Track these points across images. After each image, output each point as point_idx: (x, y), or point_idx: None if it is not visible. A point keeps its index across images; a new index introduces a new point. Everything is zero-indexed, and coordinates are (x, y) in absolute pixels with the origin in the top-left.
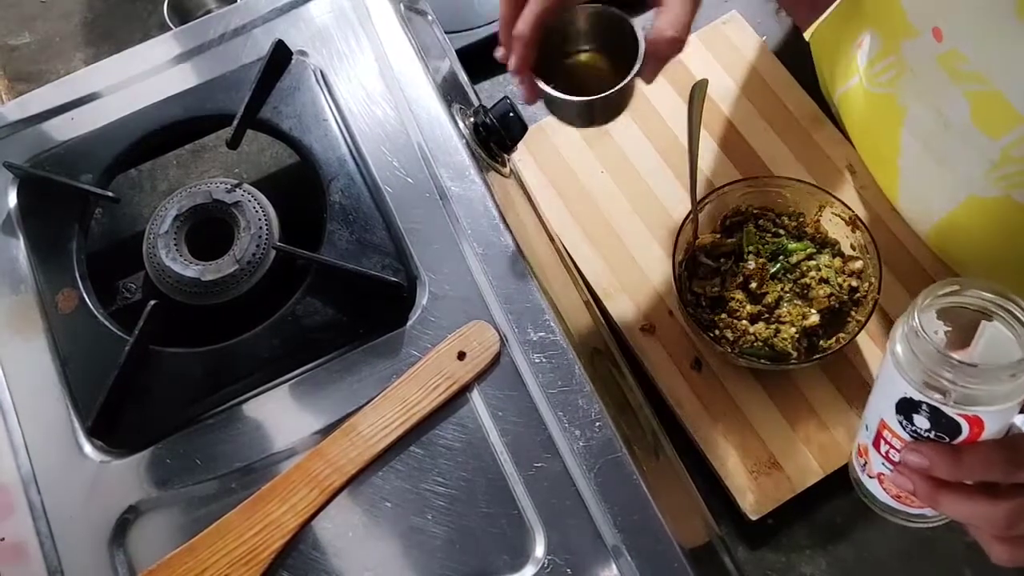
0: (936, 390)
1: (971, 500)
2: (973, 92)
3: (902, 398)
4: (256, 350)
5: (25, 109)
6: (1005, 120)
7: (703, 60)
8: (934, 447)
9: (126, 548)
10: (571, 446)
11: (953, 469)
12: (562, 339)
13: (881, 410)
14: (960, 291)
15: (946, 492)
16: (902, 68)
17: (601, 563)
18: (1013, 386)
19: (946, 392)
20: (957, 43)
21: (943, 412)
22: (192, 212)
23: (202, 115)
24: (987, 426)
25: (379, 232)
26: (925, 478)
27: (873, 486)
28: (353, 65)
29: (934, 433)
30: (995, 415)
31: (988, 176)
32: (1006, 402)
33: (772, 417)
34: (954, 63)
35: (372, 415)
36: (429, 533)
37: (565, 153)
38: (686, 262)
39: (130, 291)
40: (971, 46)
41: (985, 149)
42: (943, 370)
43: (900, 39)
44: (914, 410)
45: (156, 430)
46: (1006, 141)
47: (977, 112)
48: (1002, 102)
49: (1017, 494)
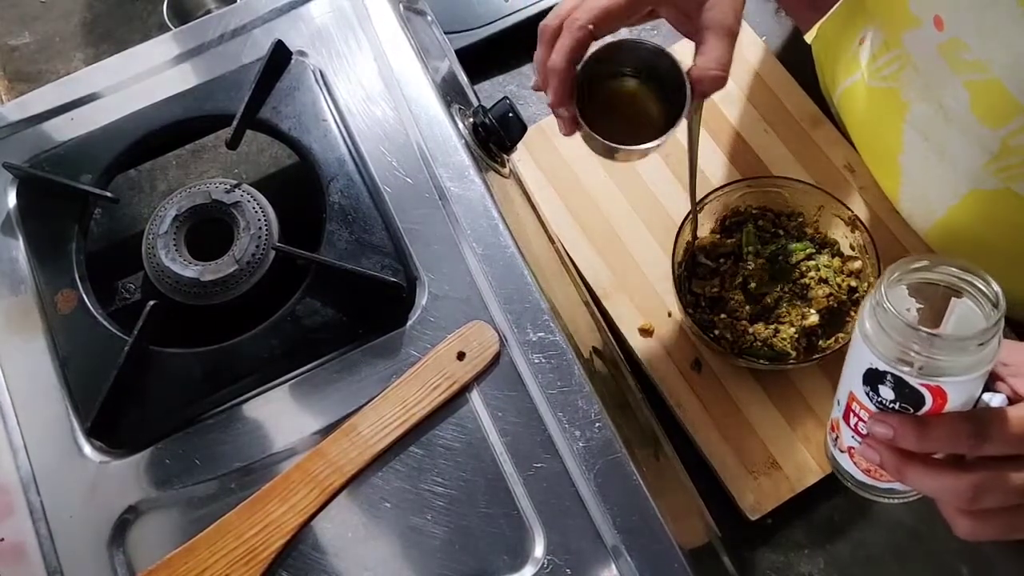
0: (900, 361)
1: (936, 473)
2: (973, 81)
3: (868, 369)
4: (256, 350)
5: (25, 109)
6: (1005, 109)
7: None
8: (899, 418)
9: (126, 548)
10: (571, 446)
11: (917, 440)
12: (562, 339)
13: (851, 383)
14: (930, 267)
15: (912, 464)
16: (904, 62)
17: (601, 563)
18: (974, 358)
19: (910, 363)
20: (958, 31)
21: (907, 382)
22: (191, 212)
23: (202, 115)
24: (950, 397)
25: (378, 232)
26: (892, 450)
27: (845, 461)
28: (352, 65)
29: (899, 404)
30: (958, 386)
31: (988, 168)
32: (968, 374)
33: (772, 417)
34: (955, 52)
35: (372, 415)
36: (428, 533)
37: (565, 153)
38: (686, 262)
39: (129, 291)
40: (972, 34)
41: (985, 140)
42: (907, 341)
43: (902, 30)
44: (880, 380)
45: (156, 430)
46: (1006, 131)
47: (977, 102)
48: (1001, 91)
49: (982, 467)
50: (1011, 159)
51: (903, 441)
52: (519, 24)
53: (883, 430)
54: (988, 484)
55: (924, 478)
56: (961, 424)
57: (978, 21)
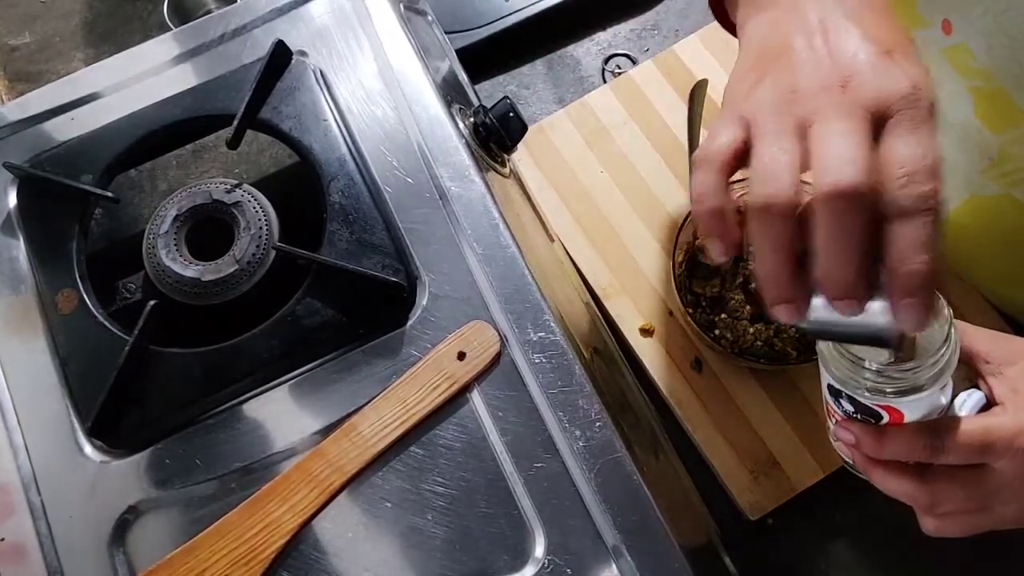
0: (853, 383)
1: (899, 478)
2: (977, 88)
3: (828, 384)
4: (256, 350)
5: (25, 109)
6: (1008, 116)
7: (703, 60)
8: (861, 427)
9: (126, 548)
10: (571, 446)
11: (877, 449)
12: (562, 339)
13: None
14: None
15: (877, 467)
16: None
17: (601, 563)
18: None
19: (860, 386)
20: (966, 37)
21: (860, 402)
22: (192, 212)
23: (202, 115)
24: (906, 414)
25: (379, 232)
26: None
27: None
28: (353, 65)
29: (860, 415)
30: (910, 405)
31: (988, 174)
32: (916, 394)
33: (772, 417)
34: (960, 58)
35: (372, 415)
36: (429, 533)
37: (565, 153)
38: (686, 262)
39: (130, 291)
40: (980, 42)
41: (985, 146)
42: (854, 369)
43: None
44: (838, 396)
45: (156, 430)
46: (1006, 137)
47: (980, 108)
48: (1006, 100)
49: (941, 475)
50: (1010, 165)
51: (864, 449)
52: (519, 24)
53: (847, 436)
54: (946, 493)
55: (888, 481)
56: (917, 438)
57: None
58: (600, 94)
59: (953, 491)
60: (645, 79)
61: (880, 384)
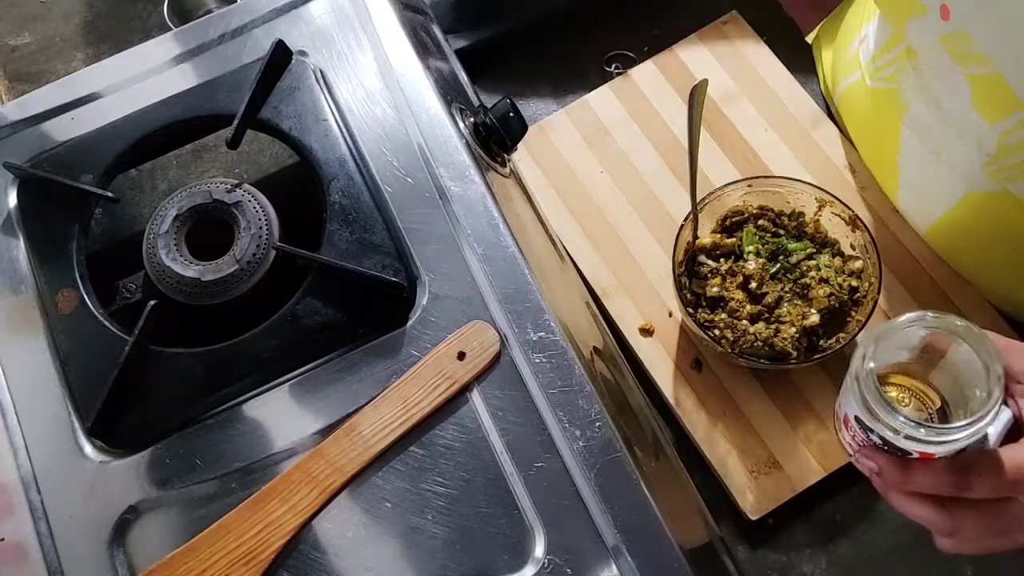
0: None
1: (918, 504)
2: (974, 75)
3: (856, 416)
4: (256, 350)
5: (25, 109)
6: (1004, 105)
7: (703, 60)
8: (886, 458)
9: (126, 548)
10: (571, 446)
11: (900, 483)
12: (562, 339)
13: (846, 407)
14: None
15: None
16: (904, 60)
17: (601, 563)
18: (955, 437)
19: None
20: (964, 23)
21: (891, 441)
22: (192, 212)
23: (202, 115)
24: (937, 455)
25: (379, 232)
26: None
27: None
28: (353, 65)
29: (886, 448)
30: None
31: (986, 170)
32: (951, 446)
33: (772, 417)
34: (958, 44)
35: (372, 415)
36: (429, 533)
37: (565, 153)
38: (686, 262)
39: (130, 291)
40: (978, 26)
41: (983, 140)
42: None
43: (906, 18)
44: (867, 429)
45: (156, 430)
46: (1003, 127)
47: (977, 96)
48: (1003, 86)
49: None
50: (1008, 160)
51: (888, 480)
52: (519, 24)
53: (870, 464)
54: (968, 521)
55: (906, 505)
56: (945, 476)
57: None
58: (600, 94)
59: (975, 519)
60: (645, 79)
61: (919, 436)
